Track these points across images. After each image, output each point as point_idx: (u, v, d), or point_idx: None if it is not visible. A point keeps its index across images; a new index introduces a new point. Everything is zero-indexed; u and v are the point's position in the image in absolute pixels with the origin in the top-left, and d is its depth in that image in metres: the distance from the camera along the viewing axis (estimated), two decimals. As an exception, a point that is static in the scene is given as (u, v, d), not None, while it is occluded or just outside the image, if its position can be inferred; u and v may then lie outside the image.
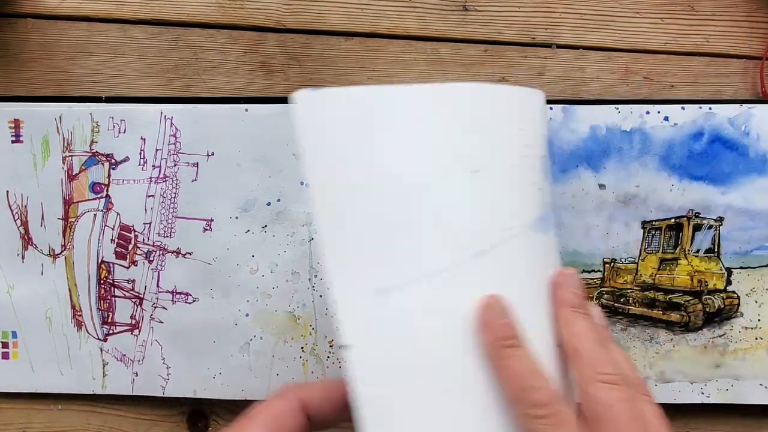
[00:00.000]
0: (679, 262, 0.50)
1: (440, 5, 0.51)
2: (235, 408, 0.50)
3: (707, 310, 0.50)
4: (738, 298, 0.50)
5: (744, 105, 0.49)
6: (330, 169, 0.32)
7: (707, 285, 0.50)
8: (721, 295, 0.50)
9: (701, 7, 0.51)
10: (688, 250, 0.50)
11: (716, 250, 0.50)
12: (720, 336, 0.50)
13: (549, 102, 0.49)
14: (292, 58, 0.50)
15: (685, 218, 0.49)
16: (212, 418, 0.50)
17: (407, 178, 0.32)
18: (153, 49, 0.50)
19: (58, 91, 0.50)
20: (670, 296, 0.50)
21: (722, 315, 0.50)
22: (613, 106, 0.49)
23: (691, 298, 0.50)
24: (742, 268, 0.50)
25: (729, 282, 0.50)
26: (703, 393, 0.50)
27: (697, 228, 0.49)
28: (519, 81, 0.51)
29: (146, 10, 0.50)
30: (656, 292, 0.50)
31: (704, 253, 0.50)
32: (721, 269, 0.50)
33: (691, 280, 0.50)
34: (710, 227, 0.49)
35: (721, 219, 0.49)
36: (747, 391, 0.49)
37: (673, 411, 0.49)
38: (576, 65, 0.51)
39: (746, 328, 0.49)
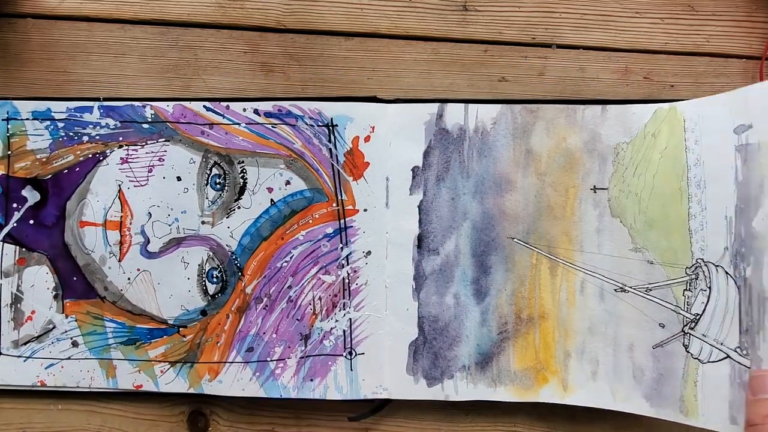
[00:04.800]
0: None
1: (440, 5, 0.51)
2: (235, 408, 0.50)
3: None
4: None
5: None
6: None
7: None
8: None
9: (701, 7, 0.51)
10: None
11: None
12: None
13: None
14: (292, 58, 0.50)
15: None
16: (212, 418, 0.50)
17: None
18: (153, 49, 0.50)
19: (58, 91, 0.50)
20: None
21: None
22: None
23: None
24: None
25: None
26: None
27: None
28: (519, 81, 0.51)
29: (146, 10, 0.50)
30: None
31: None
32: None
33: None
34: None
35: None
36: None
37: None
38: (576, 65, 0.51)
39: None
